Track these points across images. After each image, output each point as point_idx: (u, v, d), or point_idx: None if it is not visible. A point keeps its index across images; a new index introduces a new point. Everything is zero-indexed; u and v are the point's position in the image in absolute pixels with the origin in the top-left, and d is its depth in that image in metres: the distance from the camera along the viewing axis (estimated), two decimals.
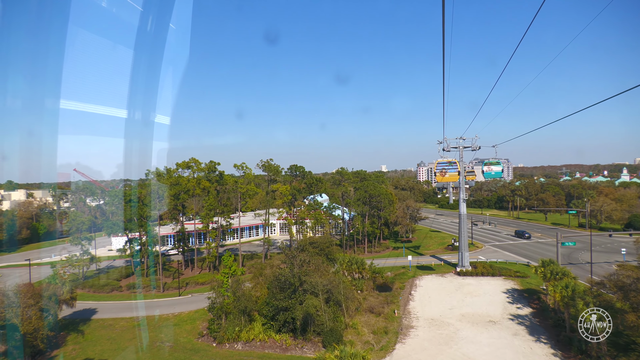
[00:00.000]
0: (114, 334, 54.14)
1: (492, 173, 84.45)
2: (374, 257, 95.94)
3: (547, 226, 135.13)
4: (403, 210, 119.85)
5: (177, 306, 65.19)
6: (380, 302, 63.84)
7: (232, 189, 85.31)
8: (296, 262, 51.67)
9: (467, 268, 79.04)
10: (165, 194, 75.94)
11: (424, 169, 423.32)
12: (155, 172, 75.12)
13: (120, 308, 65.57)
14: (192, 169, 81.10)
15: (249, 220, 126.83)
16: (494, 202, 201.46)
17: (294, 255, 52.42)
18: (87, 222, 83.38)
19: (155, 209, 75.72)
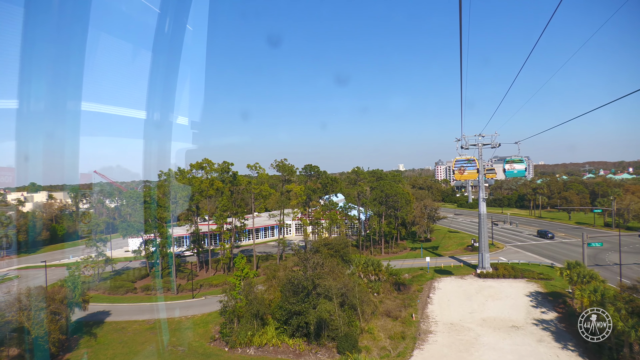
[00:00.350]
0: (126, 338, 53.53)
1: (514, 172, 79.03)
2: (391, 258, 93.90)
3: (571, 225, 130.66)
4: (421, 209, 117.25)
5: (191, 308, 64.42)
6: (398, 305, 61.91)
7: (246, 190, 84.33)
8: (309, 264, 50.16)
9: (487, 270, 76.37)
10: (178, 195, 75.34)
11: (442, 168, 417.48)
12: (167, 173, 74.54)
13: (133, 310, 65.13)
14: (205, 169, 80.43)
15: (264, 221, 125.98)
16: (515, 201, 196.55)
17: (306, 258, 50.95)
18: (102, 224, 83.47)
19: (168, 210, 75.16)
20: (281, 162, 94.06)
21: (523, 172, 79.89)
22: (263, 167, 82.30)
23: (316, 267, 50.54)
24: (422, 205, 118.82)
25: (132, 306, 67.53)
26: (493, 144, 76.73)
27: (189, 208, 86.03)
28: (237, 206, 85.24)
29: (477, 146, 77.68)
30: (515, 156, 78.83)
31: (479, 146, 77.63)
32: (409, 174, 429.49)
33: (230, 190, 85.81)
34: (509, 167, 78.97)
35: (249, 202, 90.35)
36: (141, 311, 64.63)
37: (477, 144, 77.75)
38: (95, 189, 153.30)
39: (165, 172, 74.41)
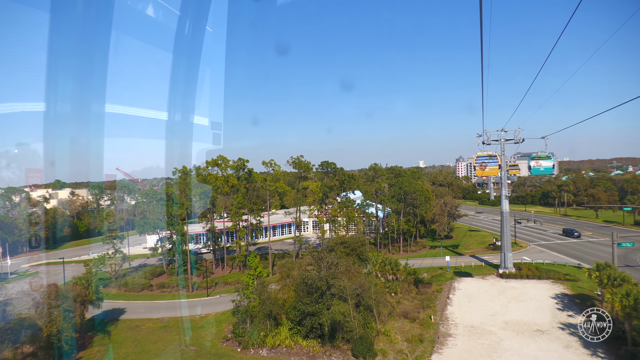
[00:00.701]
0: (140, 336, 53.12)
1: (540, 169, 72.77)
2: (409, 257, 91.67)
3: (598, 224, 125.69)
4: (440, 207, 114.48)
5: (205, 307, 63.79)
6: (416, 306, 59.94)
7: (262, 187, 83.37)
8: (323, 264, 48.67)
9: (510, 270, 73.55)
10: (193, 192, 74.93)
11: (463, 164, 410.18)
12: (182, 170, 74.08)
13: (148, 308, 64.93)
14: (220, 166, 79.71)
15: (281, 218, 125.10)
16: (539, 199, 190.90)
17: (320, 258, 49.47)
18: (120, 221, 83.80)
19: (183, 208, 74.75)
20: (297, 159, 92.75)
21: (551, 169, 73.56)
22: (278, 164, 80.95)
23: (330, 266, 49.01)
24: (442, 202, 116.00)
25: (147, 304, 67.38)
26: (516, 140, 73.72)
27: (205, 205, 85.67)
28: (253, 203, 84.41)
29: (500, 142, 74.78)
30: (542, 152, 73.46)
31: (502, 142, 74.72)
32: (429, 171, 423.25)
33: (246, 187, 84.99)
34: (534, 164, 73.17)
35: (265, 199, 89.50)
36: (156, 309, 64.37)
37: (499, 139, 74.86)
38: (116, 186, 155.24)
39: (179, 169, 73.85)
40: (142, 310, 64.19)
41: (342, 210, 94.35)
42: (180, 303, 67.14)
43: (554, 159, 71.17)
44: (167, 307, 65.46)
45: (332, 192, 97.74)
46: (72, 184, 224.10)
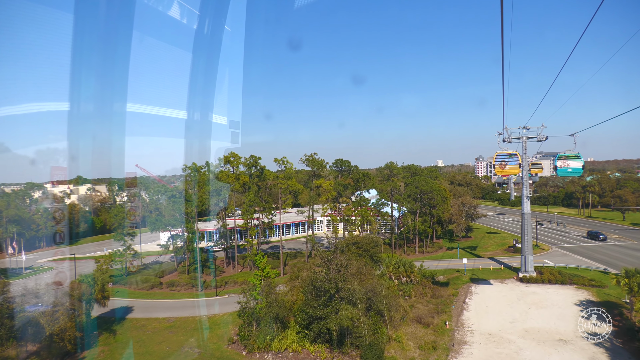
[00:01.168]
0: (145, 336, 52.02)
1: (568, 170, 65.70)
2: (425, 258, 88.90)
3: (625, 227, 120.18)
4: (458, 207, 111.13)
5: (213, 307, 62.49)
6: (430, 310, 57.37)
7: (273, 185, 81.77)
8: (332, 266, 46.59)
9: (531, 274, 70.17)
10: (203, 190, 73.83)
11: (482, 164, 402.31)
12: (191, 166, 72.95)
13: (156, 307, 63.95)
14: (232, 163, 78.29)
15: (294, 217, 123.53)
16: (561, 199, 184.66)
17: (329, 259, 47.39)
18: (131, 218, 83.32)
19: (193, 205, 73.70)
20: (311, 157, 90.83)
21: (579, 170, 66.66)
22: (291, 161, 79.11)
23: (340, 268, 46.90)
24: (459, 202, 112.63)
25: (155, 302, 66.44)
26: (539, 137, 70.18)
27: (217, 203, 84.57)
28: (265, 202, 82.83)
29: (521, 139, 71.33)
30: (570, 151, 66.68)
31: (523, 140, 71.26)
32: (448, 170, 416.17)
33: (258, 185, 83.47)
34: (562, 164, 65.88)
35: (278, 197, 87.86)
36: (163, 308, 63.36)
37: (520, 137, 71.41)
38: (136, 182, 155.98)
39: (189, 166, 72.72)
40: (149, 309, 63.26)
41: (356, 209, 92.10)
42: (188, 302, 66.01)
43: (582, 160, 66.06)
44: (175, 306, 64.37)
45: (346, 190, 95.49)
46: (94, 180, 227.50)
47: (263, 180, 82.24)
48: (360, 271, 59.34)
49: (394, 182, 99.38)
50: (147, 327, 55.53)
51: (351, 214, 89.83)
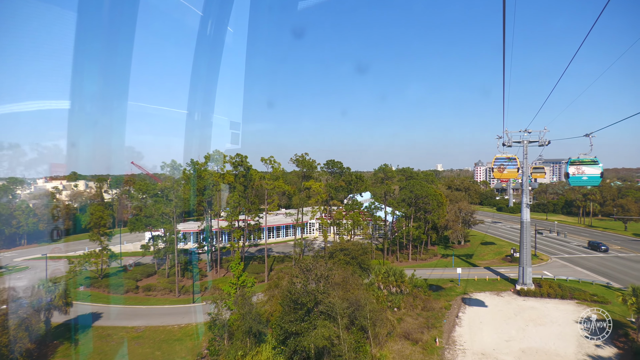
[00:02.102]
0: (108, 347, 47.74)
1: (582, 178, 53.07)
2: (418, 266, 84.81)
3: (627, 237, 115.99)
4: (455, 213, 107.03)
5: (187, 315, 58.24)
6: (420, 325, 53.22)
7: (259, 185, 77.61)
8: (311, 276, 42.33)
9: (529, 286, 66.02)
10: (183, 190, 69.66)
11: (481, 169, 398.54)
12: (170, 164, 68.76)
13: (127, 314, 59.68)
14: (216, 161, 74.16)
15: (283, 219, 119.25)
16: (561, 207, 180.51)
17: (308, 268, 43.13)
18: (106, 217, 78.94)
19: (171, 205, 69.43)
20: (301, 157, 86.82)
21: (597, 178, 53.73)
22: (278, 161, 75.02)
23: (320, 279, 42.67)
24: (456, 208, 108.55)
25: (126, 309, 62.15)
26: (541, 142, 66.09)
27: (200, 203, 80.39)
28: (251, 203, 78.66)
29: (522, 143, 67.27)
30: (585, 155, 54.53)
31: (524, 143, 67.20)
32: (446, 174, 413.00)
33: (244, 185, 79.30)
34: (575, 171, 53.16)
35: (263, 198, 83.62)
36: (135, 315, 59.09)
37: (521, 140, 67.36)
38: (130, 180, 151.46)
39: (168, 163, 68.58)
40: (119, 315, 59.01)
41: (348, 213, 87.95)
42: (162, 309, 61.74)
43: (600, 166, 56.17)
44: (148, 313, 60.11)
45: (337, 193, 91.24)
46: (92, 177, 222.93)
47: (249, 180, 78.04)
48: (346, 280, 55.21)
49: (388, 186, 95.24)
50: (113, 336, 51.25)
51: (342, 217, 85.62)
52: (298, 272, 43.58)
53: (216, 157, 74.21)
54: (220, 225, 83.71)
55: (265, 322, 47.66)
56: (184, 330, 52.80)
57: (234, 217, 74.95)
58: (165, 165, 69.44)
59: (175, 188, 68.37)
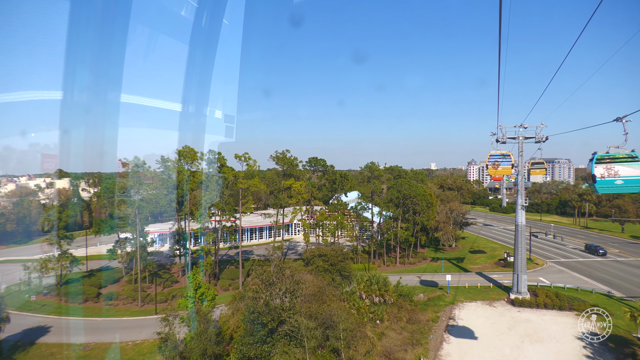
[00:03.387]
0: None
1: (616, 182, 30.83)
2: (406, 271, 79.48)
3: (624, 239, 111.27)
4: (446, 214, 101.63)
5: (146, 329, 52.10)
6: (404, 340, 47.68)
7: (232, 184, 71.65)
8: (274, 291, 36.56)
9: (524, 296, 60.73)
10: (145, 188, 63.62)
11: (474, 168, 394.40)
12: (133, 161, 62.59)
13: (80, 327, 53.66)
14: (186, 158, 68.11)
15: (266, 220, 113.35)
16: (555, 207, 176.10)
17: (271, 282, 37.34)
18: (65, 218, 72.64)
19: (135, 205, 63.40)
20: (282, 154, 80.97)
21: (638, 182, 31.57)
22: (253, 157, 69.10)
23: (286, 293, 36.91)
24: (447, 208, 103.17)
25: (80, 321, 55.99)
26: (538, 138, 60.74)
27: (169, 203, 74.31)
28: (225, 203, 72.69)
29: (517, 140, 61.85)
30: (617, 148, 31.50)
31: (519, 140, 61.79)
32: (440, 174, 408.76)
33: (218, 183, 73.32)
34: (604, 172, 31.38)
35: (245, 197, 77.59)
36: (88, 329, 53.03)
37: (516, 137, 61.93)
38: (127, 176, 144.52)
39: (130, 160, 62.36)
40: (72, 329, 52.94)
41: (331, 214, 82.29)
42: (122, 322, 55.68)
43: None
44: (103, 327, 54.05)
45: (320, 192, 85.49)
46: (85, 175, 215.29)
47: (223, 178, 72.06)
48: (321, 291, 49.68)
49: (375, 185, 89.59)
50: (57, 355, 45.28)
51: (324, 219, 79.93)
52: (258, 286, 37.79)
53: (186, 153, 68.11)
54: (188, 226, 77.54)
55: (228, 340, 41.97)
56: (138, 348, 46.83)
57: (205, 218, 69.01)
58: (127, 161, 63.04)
59: (138, 187, 62.29)
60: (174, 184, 72.34)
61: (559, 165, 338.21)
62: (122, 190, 68.18)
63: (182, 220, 77.29)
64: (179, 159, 72.98)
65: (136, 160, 62.63)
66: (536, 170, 61.50)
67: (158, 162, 74.79)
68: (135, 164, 62.44)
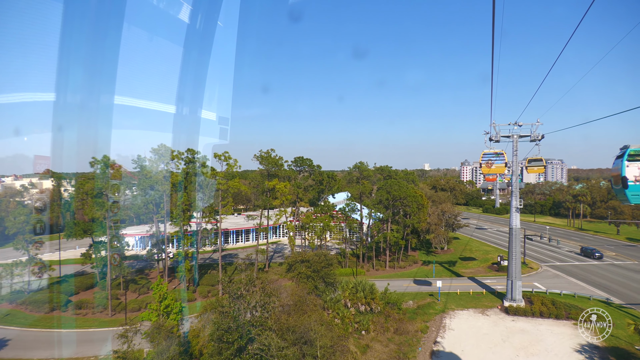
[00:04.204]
0: None
1: None
2: (395, 275, 76.13)
3: (621, 242, 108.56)
4: (438, 215, 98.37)
5: (110, 343, 48.07)
6: (390, 354, 44.15)
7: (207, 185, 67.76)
8: (243, 305, 32.77)
9: (518, 303, 57.41)
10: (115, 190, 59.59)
11: (468, 168, 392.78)
12: (102, 160, 58.38)
13: (40, 341, 49.32)
14: (162, 158, 64.14)
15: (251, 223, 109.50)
16: (549, 208, 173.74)
17: (239, 295, 33.56)
18: (32, 222, 68.28)
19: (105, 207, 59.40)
20: (267, 153, 77.24)
21: None
22: (233, 156, 65.30)
23: (257, 307, 33.16)
24: (439, 210, 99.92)
25: (42, 334, 51.68)
26: (533, 136, 57.49)
27: (145, 205, 70.28)
28: (203, 205, 68.81)
29: (511, 138, 58.59)
30: None
31: (514, 138, 58.52)
32: (433, 174, 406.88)
33: (201, 184, 69.50)
34: None
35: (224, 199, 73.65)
36: (48, 343, 48.92)
37: (510, 135, 58.68)
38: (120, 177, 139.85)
39: (98, 159, 58.08)
40: (31, 344, 48.62)
41: (317, 216, 78.65)
42: (86, 334, 51.59)
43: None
44: (66, 339, 50.10)
45: (307, 194, 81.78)
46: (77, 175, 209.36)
47: (203, 179, 68.19)
48: (302, 300, 46.05)
49: (365, 185, 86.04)
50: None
51: (310, 221, 76.26)
52: (226, 301, 33.99)
53: (161, 152, 64.16)
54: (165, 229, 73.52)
55: (198, 356, 38.15)
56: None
57: (182, 221, 65.11)
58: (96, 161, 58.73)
59: (109, 188, 58.28)
60: (150, 185, 68.29)
61: (551, 165, 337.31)
62: (92, 191, 64.15)
63: (161, 222, 73.21)
64: (157, 158, 69.04)
65: (105, 159, 58.41)
66: (534, 167, 58.03)
67: (134, 161, 70.84)
68: (104, 163, 58.27)
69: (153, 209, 69.45)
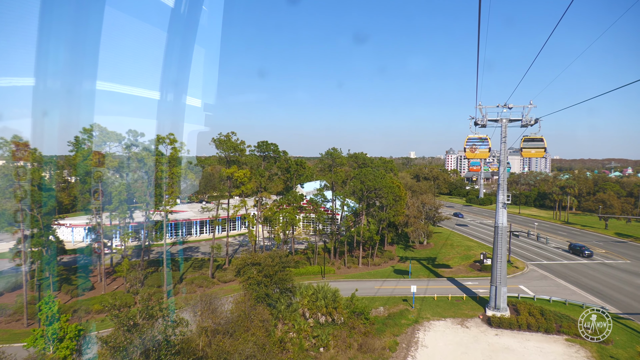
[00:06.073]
0: None
1: None
2: (368, 274, 68.77)
3: (609, 237, 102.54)
4: (417, 208, 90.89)
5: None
6: None
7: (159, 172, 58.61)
8: (135, 339, 24.23)
9: (503, 313, 50.14)
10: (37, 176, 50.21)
11: (452, 157, 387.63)
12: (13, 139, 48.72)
13: None
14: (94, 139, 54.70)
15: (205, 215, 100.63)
16: (534, 199, 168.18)
17: (134, 324, 25.02)
18: None
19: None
20: (226, 137, 68.25)
21: None
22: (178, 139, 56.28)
23: (157, 340, 24.64)
24: (419, 202, 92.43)
25: None
26: (525, 121, 49.66)
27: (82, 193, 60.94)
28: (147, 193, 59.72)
29: (500, 122, 50.65)
30: None
31: (503, 122, 50.59)
32: (419, 162, 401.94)
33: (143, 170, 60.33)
34: None
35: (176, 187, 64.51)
36: None
37: (499, 119, 50.74)
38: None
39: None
40: None
41: (282, 207, 70.28)
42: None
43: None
44: None
45: (272, 182, 73.12)
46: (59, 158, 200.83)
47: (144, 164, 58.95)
48: (247, 316, 37.94)
49: (338, 174, 77.79)
50: None
51: (273, 213, 67.81)
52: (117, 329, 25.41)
53: (97, 134, 54.71)
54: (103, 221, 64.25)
55: None
56: None
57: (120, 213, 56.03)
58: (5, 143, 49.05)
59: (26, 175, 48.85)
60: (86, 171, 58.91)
61: None
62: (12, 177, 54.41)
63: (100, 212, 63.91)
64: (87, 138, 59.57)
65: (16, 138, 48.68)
66: (531, 149, 50.03)
67: (69, 143, 61.21)
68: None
69: (89, 198, 60.06)
